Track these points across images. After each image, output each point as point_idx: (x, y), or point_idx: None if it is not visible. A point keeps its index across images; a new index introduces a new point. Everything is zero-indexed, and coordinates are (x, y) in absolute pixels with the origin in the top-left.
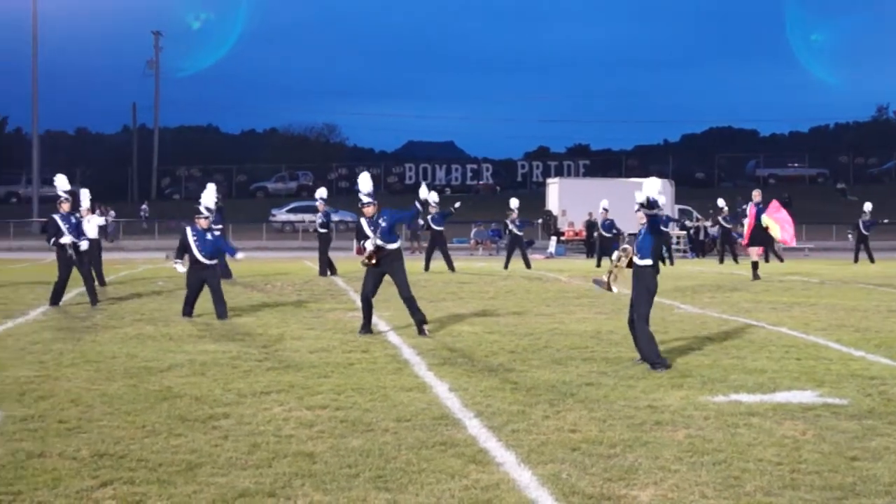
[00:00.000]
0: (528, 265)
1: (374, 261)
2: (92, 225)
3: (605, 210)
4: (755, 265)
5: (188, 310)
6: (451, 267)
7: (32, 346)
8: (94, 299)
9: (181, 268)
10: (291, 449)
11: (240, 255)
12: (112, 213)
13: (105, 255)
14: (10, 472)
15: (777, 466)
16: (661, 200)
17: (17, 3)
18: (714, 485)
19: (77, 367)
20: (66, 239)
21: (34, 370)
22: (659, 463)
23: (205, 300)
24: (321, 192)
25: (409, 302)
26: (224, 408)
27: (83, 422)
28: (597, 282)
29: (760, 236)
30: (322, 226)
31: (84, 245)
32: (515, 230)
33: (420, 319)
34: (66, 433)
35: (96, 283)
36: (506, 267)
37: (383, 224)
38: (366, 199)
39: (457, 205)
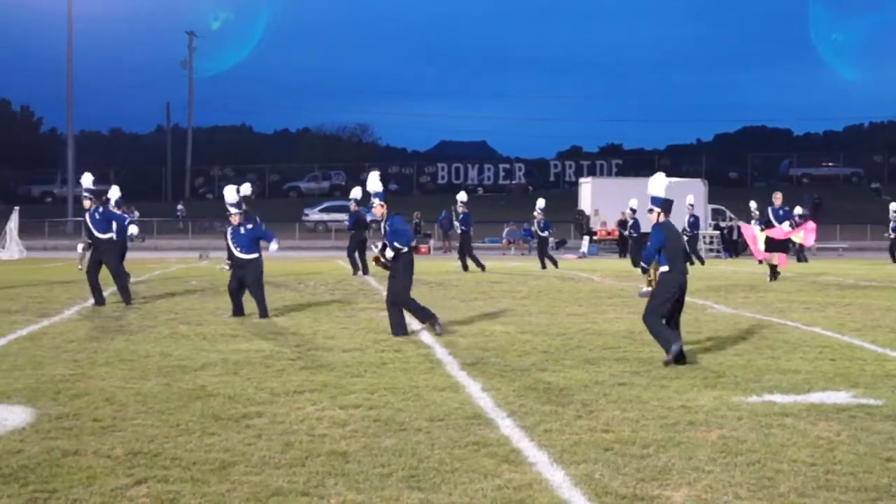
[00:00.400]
0: (543, 265)
1: (381, 262)
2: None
3: (633, 210)
4: (774, 267)
5: (235, 309)
6: (465, 266)
7: (67, 345)
8: (127, 298)
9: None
10: (324, 448)
11: (273, 246)
12: (136, 213)
13: (139, 255)
14: (45, 470)
15: (811, 467)
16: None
17: (53, 4)
18: (748, 485)
19: (111, 365)
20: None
21: (69, 369)
22: (692, 463)
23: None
24: (355, 193)
25: (389, 307)
26: (257, 407)
27: (117, 420)
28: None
29: (776, 244)
30: (352, 226)
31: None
32: (539, 231)
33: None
34: (100, 431)
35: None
36: (555, 265)
37: (388, 229)
38: (375, 201)
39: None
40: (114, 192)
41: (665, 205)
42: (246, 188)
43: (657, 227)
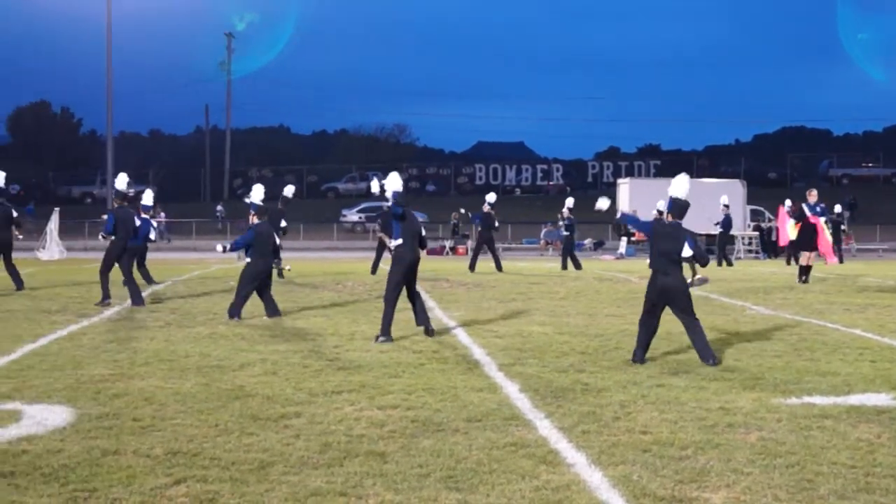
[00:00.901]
0: (563, 266)
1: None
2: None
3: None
4: (804, 269)
5: (270, 310)
6: (472, 267)
7: (107, 345)
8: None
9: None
10: (363, 448)
11: (218, 247)
12: (163, 214)
13: (177, 255)
14: (85, 469)
15: (851, 470)
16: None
17: (92, 7)
18: (787, 488)
19: (151, 365)
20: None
21: (109, 368)
22: (731, 465)
23: (256, 303)
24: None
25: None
26: (295, 407)
27: (157, 420)
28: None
29: (810, 239)
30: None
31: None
32: (563, 230)
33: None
34: (140, 431)
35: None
36: (577, 268)
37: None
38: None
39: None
40: (147, 197)
41: (673, 207)
42: (289, 190)
43: (654, 221)
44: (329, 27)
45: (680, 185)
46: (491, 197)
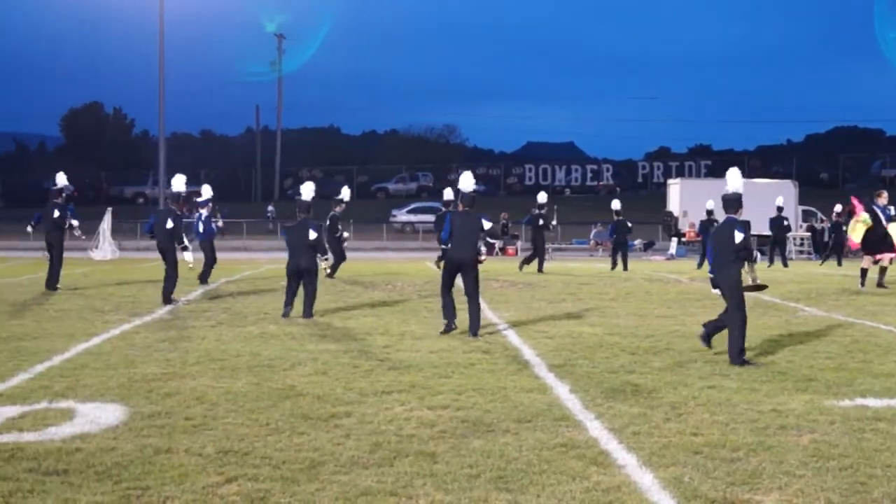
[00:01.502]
0: (613, 265)
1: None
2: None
3: (709, 212)
4: (864, 272)
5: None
6: (535, 265)
7: (159, 344)
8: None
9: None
10: (413, 448)
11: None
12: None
13: (229, 255)
14: (138, 468)
15: None
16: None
17: (144, 7)
18: (840, 491)
19: (202, 364)
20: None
21: (161, 368)
22: (783, 468)
23: (295, 301)
24: (448, 194)
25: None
26: (346, 407)
27: (208, 419)
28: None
29: (878, 242)
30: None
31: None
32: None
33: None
34: (191, 430)
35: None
36: (612, 268)
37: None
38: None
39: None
40: (205, 191)
41: (724, 203)
42: (346, 192)
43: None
44: (379, 29)
45: (730, 180)
46: (542, 197)
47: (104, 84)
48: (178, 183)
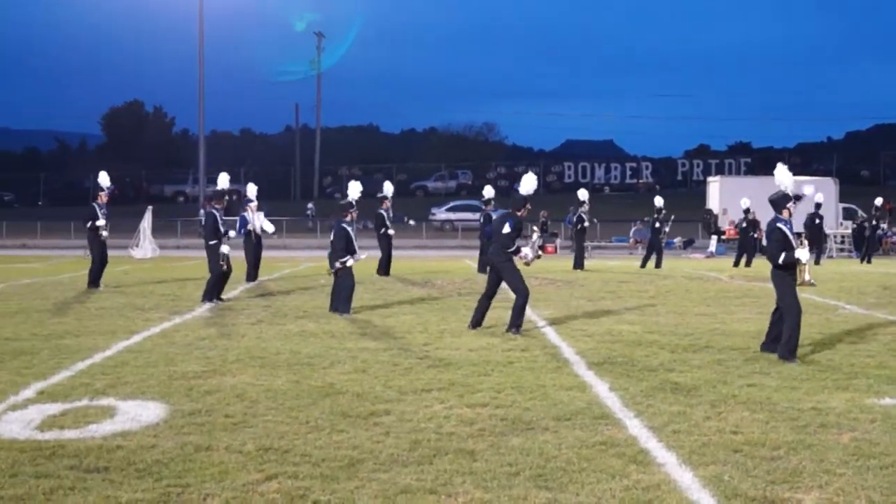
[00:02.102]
0: (653, 263)
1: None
2: (259, 220)
3: (746, 211)
4: None
5: (347, 307)
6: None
7: (199, 342)
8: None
9: (352, 261)
10: (452, 446)
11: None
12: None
13: (268, 253)
14: (178, 465)
15: None
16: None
17: (185, 6)
18: (881, 489)
19: (242, 362)
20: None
21: (201, 365)
22: (824, 466)
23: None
24: (488, 192)
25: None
26: (385, 405)
27: (248, 416)
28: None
29: None
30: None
31: (231, 234)
32: (659, 228)
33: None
34: (232, 427)
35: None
36: (654, 265)
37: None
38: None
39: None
40: (251, 191)
41: (770, 202)
42: (388, 188)
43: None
44: (418, 27)
45: (778, 177)
46: (584, 194)
47: (145, 83)
48: (223, 181)
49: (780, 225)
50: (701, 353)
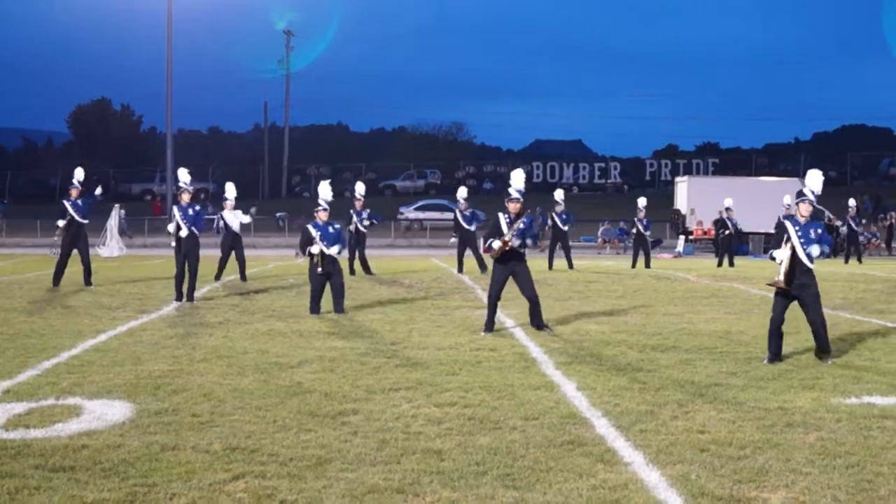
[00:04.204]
0: (647, 264)
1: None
2: (237, 218)
3: (730, 209)
4: None
5: (315, 307)
6: (570, 265)
7: (166, 341)
8: (190, 295)
9: (300, 260)
10: (420, 446)
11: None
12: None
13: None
14: (144, 465)
15: None
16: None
17: (152, 5)
18: (847, 488)
19: (209, 361)
20: (183, 231)
21: (168, 364)
22: (790, 465)
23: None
24: (462, 193)
25: (535, 302)
26: (353, 404)
27: (215, 416)
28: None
29: None
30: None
31: (184, 233)
32: (641, 230)
33: (540, 323)
34: (199, 427)
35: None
36: (633, 265)
37: (522, 226)
38: (515, 195)
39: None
40: (230, 190)
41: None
42: (360, 187)
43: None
44: (388, 26)
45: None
46: (561, 194)
47: (112, 80)
48: (182, 176)
49: (785, 221)
50: (668, 353)
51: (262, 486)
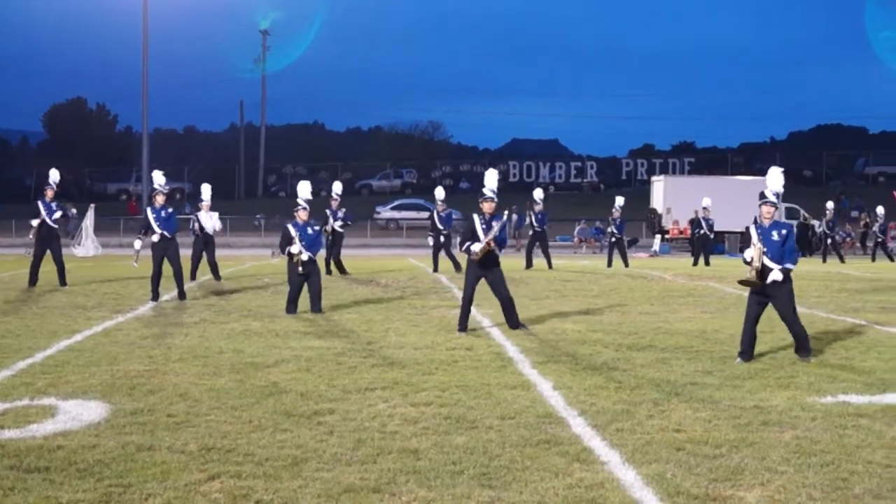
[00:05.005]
0: (625, 263)
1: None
2: (211, 220)
3: (706, 209)
4: None
5: (292, 307)
6: (549, 264)
7: (142, 341)
8: (181, 294)
9: (276, 259)
10: (396, 445)
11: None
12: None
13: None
14: (120, 465)
15: (886, 469)
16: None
17: (128, 3)
18: (822, 487)
19: (185, 361)
20: (155, 237)
21: (143, 364)
22: (765, 464)
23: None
24: (439, 193)
25: (509, 302)
26: (329, 404)
27: (191, 416)
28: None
29: None
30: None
31: (155, 238)
32: (614, 230)
33: (515, 323)
34: (174, 427)
35: (206, 277)
36: (609, 265)
37: (495, 226)
38: (489, 194)
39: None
40: (205, 191)
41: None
42: (337, 187)
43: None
44: (364, 24)
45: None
46: (539, 193)
47: (88, 80)
48: (157, 178)
49: (750, 227)
50: (644, 352)
51: (237, 486)
